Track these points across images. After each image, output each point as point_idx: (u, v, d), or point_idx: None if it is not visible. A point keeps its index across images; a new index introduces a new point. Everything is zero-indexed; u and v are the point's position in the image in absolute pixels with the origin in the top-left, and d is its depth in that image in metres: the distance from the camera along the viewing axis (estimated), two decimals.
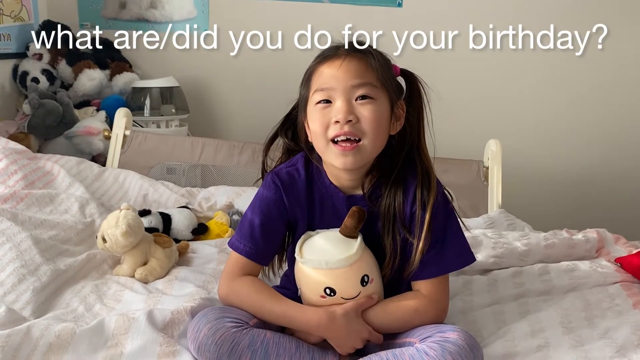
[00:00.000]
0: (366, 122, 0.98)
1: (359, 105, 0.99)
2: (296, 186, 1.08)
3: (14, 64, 2.37)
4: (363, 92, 0.99)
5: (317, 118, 1.01)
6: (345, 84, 0.99)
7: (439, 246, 1.03)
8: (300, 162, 1.10)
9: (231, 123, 2.67)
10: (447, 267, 1.05)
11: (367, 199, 1.05)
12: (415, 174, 1.04)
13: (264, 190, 1.09)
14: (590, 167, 2.53)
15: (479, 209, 1.87)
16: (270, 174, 1.10)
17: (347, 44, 1.03)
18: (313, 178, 1.08)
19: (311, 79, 1.03)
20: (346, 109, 0.98)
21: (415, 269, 1.01)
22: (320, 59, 1.03)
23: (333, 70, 0.99)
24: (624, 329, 1.11)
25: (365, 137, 0.99)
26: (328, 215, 1.07)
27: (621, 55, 2.45)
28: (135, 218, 1.34)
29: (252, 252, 1.07)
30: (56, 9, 2.54)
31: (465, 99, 2.49)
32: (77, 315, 1.11)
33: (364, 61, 1.00)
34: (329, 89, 0.99)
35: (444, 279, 1.05)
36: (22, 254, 1.24)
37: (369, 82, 0.99)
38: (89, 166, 1.88)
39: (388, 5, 2.50)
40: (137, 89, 2.41)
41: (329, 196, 1.07)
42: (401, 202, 1.03)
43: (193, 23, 2.61)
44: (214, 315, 0.97)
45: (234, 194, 1.81)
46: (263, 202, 1.08)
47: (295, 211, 1.08)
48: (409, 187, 1.03)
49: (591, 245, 1.56)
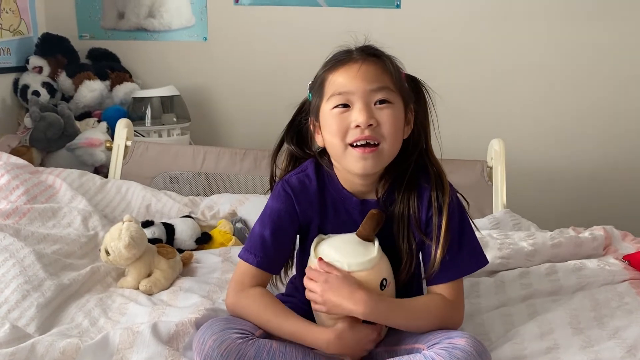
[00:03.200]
0: (385, 126, 0.98)
1: (378, 109, 0.98)
2: (308, 192, 1.07)
3: (15, 78, 2.37)
4: (382, 96, 0.98)
5: (334, 123, 0.99)
6: (364, 88, 0.98)
7: (455, 249, 1.02)
8: (311, 167, 1.09)
9: (233, 130, 2.67)
10: (464, 270, 1.05)
11: (382, 203, 1.04)
12: (427, 178, 1.04)
13: (273, 202, 1.08)
14: (594, 163, 2.52)
15: (484, 209, 1.86)
16: (280, 182, 1.09)
17: (357, 50, 1.02)
18: (325, 183, 1.07)
19: (324, 86, 1.02)
20: (367, 114, 0.97)
21: (437, 271, 1.01)
22: (332, 64, 1.01)
23: (351, 75, 0.98)
24: (634, 328, 1.10)
25: (384, 141, 0.99)
26: (341, 221, 1.07)
27: (625, 55, 2.43)
28: (137, 230, 1.34)
29: (263, 262, 1.06)
30: (55, 22, 2.55)
31: (467, 100, 2.48)
32: (81, 330, 1.11)
33: (380, 65, 1.00)
34: (347, 92, 0.98)
35: (460, 282, 1.05)
36: (25, 269, 1.23)
37: (386, 86, 0.99)
38: (91, 178, 1.88)
39: (386, 7, 2.49)
40: (138, 98, 2.41)
41: (342, 201, 1.06)
42: (416, 207, 1.03)
43: (192, 31, 2.61)
44: (219, 327, 0.96)
45: (237, 202, 1.81)
46: (274, 213, 1.07)
47: (308, 217, 1.07)
48: (423, 192, 1.03)
49: (598, 243, 1.55)
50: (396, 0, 2.49)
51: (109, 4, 2.61)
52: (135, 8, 2.59)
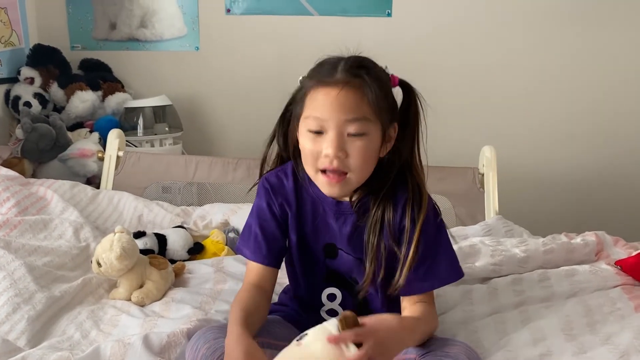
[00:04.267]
0: (354, 158, 0.97)
1: (350, 140, 0.97)
2: (284, 188, 1.09)
3: (6, 89, 2.37)
4: (355, 128, 0.96)
5: (307, 146, 0.99)
6: (338, 118, 0.96)
7: (429, 262, 1.02)
8: (290, 167, 1.11)
9: (225, 139, 2.67)
10: (439, 282, 1.05)
11: (355, 209, 1.04)
12: (405, 188, 1.03)
13: (256, 199, 1.12)
14: (585, 169, 2.53)
15: (476, 216, 1.86)
16: (262, 179, 1.12)
17: (343, 67, 0.97)
18: (304, 184, 1.08)
19: (305, 99, 1.00)
20: (336, 145, 0.96)
21: (402, 285, 1.00)
22: (316, 80, 0.99)
23: (328, 101, 0.96)
24: (626, 334, 1.10)
25: (351, 172, 0.99)
26: (318, 221, 1.08)
27: (616, 61, 2.45)
28: (129, 241, 1.33)
29: (259, 256, 1.07)
30: (47, 33, 2.55)
31: (458, 107, 2.49)
32: (73, 342, 1.10)
33: (359, 93, 0.96)
34: (322, 119, 0.96)
35: (433, 292, 1.06)
36: (16, 282, 1.22)
37: (362, 116, 0.96)
38: (83, 189, 1.87)
39: (377, 15, 2.51)
40: (130, 108, 2.41)
41: (320, 201, 1.07)
42: (391, 217, 1.02)
43: (184, 41, 2.62)
44: (212, 335, 0.96)
45: (229, 211, 1.80)
46: (258, 208, 1.10)
47: (285, 213, 1.08)
48: (399, 201, 1.03)
49: (590, 249, 1.55)
50: (387, 9, 2.51)
51: (100, 14, 2.61)
52: (127, 18, 2.59)
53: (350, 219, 1.05)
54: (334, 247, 1.08)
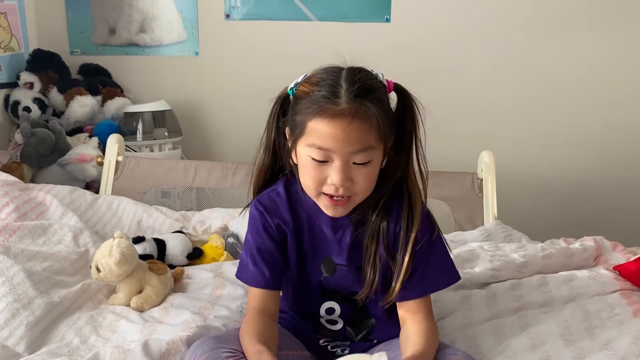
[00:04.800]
0: (360, 183, 0.96)
1: (356, 167, 0.95)
2: (278, 209, 1.07)
3: (5, 94, 2.37)
4: (361, 158, 0.94)
5: (310, 173, 0.96)
6: (345, 150, 0.93)
7: (423, 268, 1.02)
8: (281, 185, 1.09)
9: (224, 144, 2.67)
10: (434, 286, 1.06)
11: (352, 223, 1.04)
12: (400, 197, 1.03)
13: (249, 222, 1.10)
14: (584, 174, 2.53)
15: (475, 221, 1.86)
16: (253, 202, 1.10)
17: (347, 94, 0.92)
18: (298, 199, 1.07)
19: (306, 125, 0.94)
20: (343, 177, 0.94)
21: (395, 297, 1.01)
22: (318, 108, 0.93)
23: (335, 133, 0.92)
24: (625, 339, 1.10)
25: (356, 195, 0.98)
26: (316, 237, 1.07)
27: (615, 66, 2.46)
28: (128, 246, 1.33)
29: (260, 280, 1.05)
30: (46, 38, 2.55)
31: (456, 112, 2.50)
32: (72, 348, 1.10)
33: (366, 123, 0.93)
34: (328, 150, 0.93)
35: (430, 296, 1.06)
36: (15, 287, 1.22)
37: (368, 146, 0.94)
38: (82, 194, 1.87)
39: (376, 21, 2.52)
40: (129, 113, 2.41)
41: (316, 216, 1.06)
42: (385, 229, 1.03)
43: (183, 46, 2.63)
44: (210, 346, 0.96)
45: (228, 216, 1.80)
46: (254, 233, 1.08)
47: (282, 232, 1.07)
48: (394, 211, 1.03)
49: (589, 254, 1.55)
50: (386, 15, 2.51)
51: (100, 19, 2.62)
52: (126, 23, 2.60)
53: (348, 230, 1.05)
54: (332, 262, 1.07)
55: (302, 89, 0.98)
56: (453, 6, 2.48)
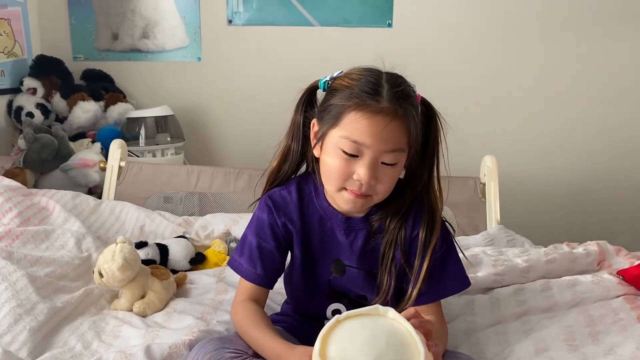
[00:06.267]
0: (383, 184, 0.98)
1: (383, 167, 0.96)
2: (288, 207, 1.08)
3: (9, 100, 2.38)
4: (390, 159, 0.96)
5: (335, 164, 0.97)
6: (379, 147, 0.94)
7: (437, 273, 1.03)
8: (294, 185, 1.10)
9: (227, 149, 2.68)
10: (444, 292, 1.07)
11: (369, 223, 1.05)
12: (420, 205, 1.04)
13: (258, 213, 1.11)
14: (587, 179, 2.53)
15: (478, 226, 1.86)
16: (264, 196, 1.11)
17: (389, 94, 0.94)
18: (311, 199, 1.08)
19: (342, 116, 0.95)
20: (371, 174, 0.95)
21: (411, 304, 1.01)
22: (359, 101, 0.93)
23: (374, 130, 0.93)
24: (629, 344, 1.09)
25: (376, 195, 0.99)
26: (326, 237, 1.07)
27: (615, 71, 2.46)
28: (131, 251, 1.33)
29: (253, 276, 1.07)
30: (49, 43, 2.57)
31: (459, 116, 2.47)
32: (74, 353, 1.10)
33: (404, 126, 0.95)
34: (362, 144, 0.94)
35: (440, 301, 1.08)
36: (17, 293, 1.22)
37: (399, 147, 0.96)
38: (85, 200, 1.87)
39: (378, 26, 2.52)
40: (132, 119, 2.42)
41: (328, 217, 1.06)
42: (402, 236, 1.04)
43: (186, 51, 2.63)
44: (213, 346, 0.96)
45: (231, 221, 1.80)
46: (258, 225, 1.09)
47: (289, 232, 1.08)
48: (413, 219, 1.04)
49: (592, 259, 1.55)
50: (388, 20, 2.52)
51: (103, 25, 2.63)
52: (129, 29, 2.61)
53: (361, 234, 1.05)
54: (342, 264, 1.07)
55: (340, 82, 0.98)
56: (455, 11, 2.49)
